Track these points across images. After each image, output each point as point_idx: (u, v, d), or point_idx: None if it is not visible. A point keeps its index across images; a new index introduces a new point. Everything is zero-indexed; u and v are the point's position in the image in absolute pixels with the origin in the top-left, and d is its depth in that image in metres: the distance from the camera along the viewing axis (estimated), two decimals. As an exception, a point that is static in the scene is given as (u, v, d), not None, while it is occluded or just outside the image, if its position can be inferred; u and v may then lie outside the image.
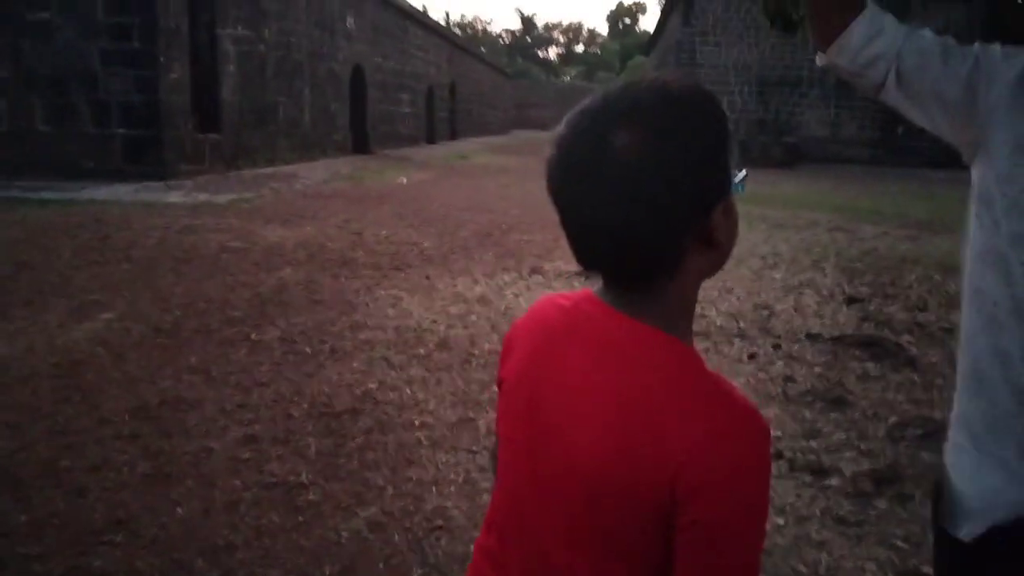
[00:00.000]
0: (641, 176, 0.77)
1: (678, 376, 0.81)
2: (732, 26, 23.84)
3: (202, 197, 10.47)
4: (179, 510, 2.75)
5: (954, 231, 9.96)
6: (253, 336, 4.74)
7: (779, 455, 3.35)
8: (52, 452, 3.15)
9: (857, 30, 1.12)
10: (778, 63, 23.66)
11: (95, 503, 2.78)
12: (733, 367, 4.49)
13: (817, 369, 4.47)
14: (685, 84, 0.83)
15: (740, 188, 1.24)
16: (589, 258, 0.85)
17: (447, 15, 69.89)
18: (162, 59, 11.61)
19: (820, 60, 1.19)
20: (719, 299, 6.06)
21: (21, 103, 11.69)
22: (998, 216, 1.03)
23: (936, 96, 1.09)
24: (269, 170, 14.46)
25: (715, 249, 0.83)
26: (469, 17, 75.78)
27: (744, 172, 1.50)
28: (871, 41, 1.11)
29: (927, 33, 1.12)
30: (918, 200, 13.90)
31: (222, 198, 10.52)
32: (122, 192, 10.39)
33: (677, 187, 0.77)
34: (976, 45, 1.08)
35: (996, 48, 1.07)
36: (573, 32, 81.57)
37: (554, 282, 6.52)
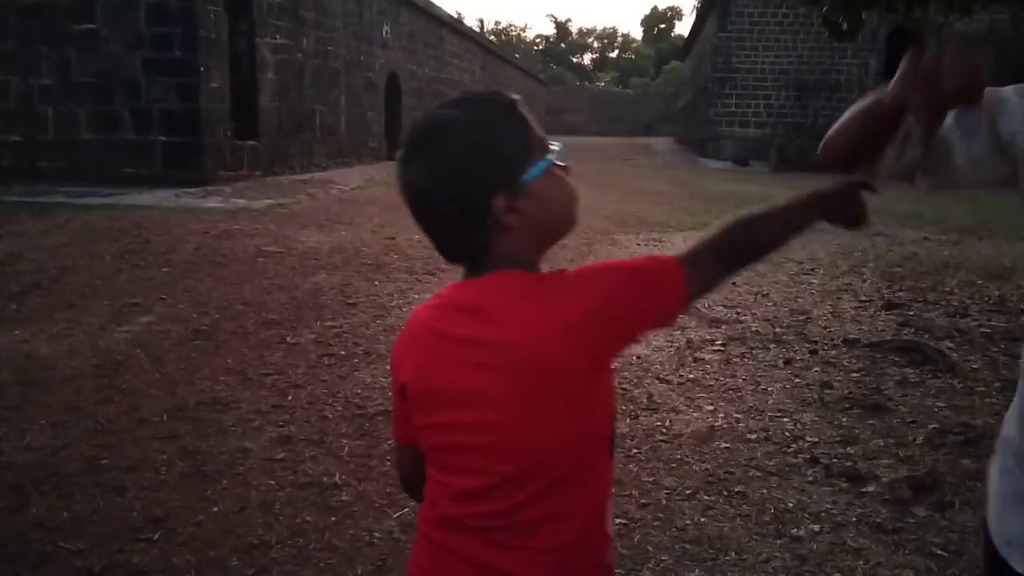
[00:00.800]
0: (422, 201, 1.06)
1: (526, 283, 1.04)
2: (769, 31, 23.60)
3: (240, 202, 10.64)
4: (215, 508, 2.80)
5: (996, 236, 9.74)
6: (289, 339, 4.81)
7: (815, 461, 3.31)
8: (93, 451, 3.22)
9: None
10: (816, 67, 23.38)
11: (133, 501, 2.83)
12: (769, 372, 4.44)
13: (855, 375, 4.39)
14: (456, 103, 1.05)
15: (546, 164, 1.13)
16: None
17: (481, 22, 70.19)
18: (202, 68, 11.84)
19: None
20: (755, 304, 6.00)
21: (66, 111, 12.00)
22: None
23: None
24: (305, 176, 14.64)
25: (521, 220, 1.02)
26: (503, 24, 75.90)
27: (559, 146, 1.40)
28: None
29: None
30: (960, 204, 13.60)
31: (259, 203, 10.68)
32: (162, 197, 10.60)
33: (444, 204, 1.02)
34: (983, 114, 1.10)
35: (1007, 93, 1.09)
36: (608, 37, 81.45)
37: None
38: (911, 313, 5.76)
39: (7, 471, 3.03)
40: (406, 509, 2.82)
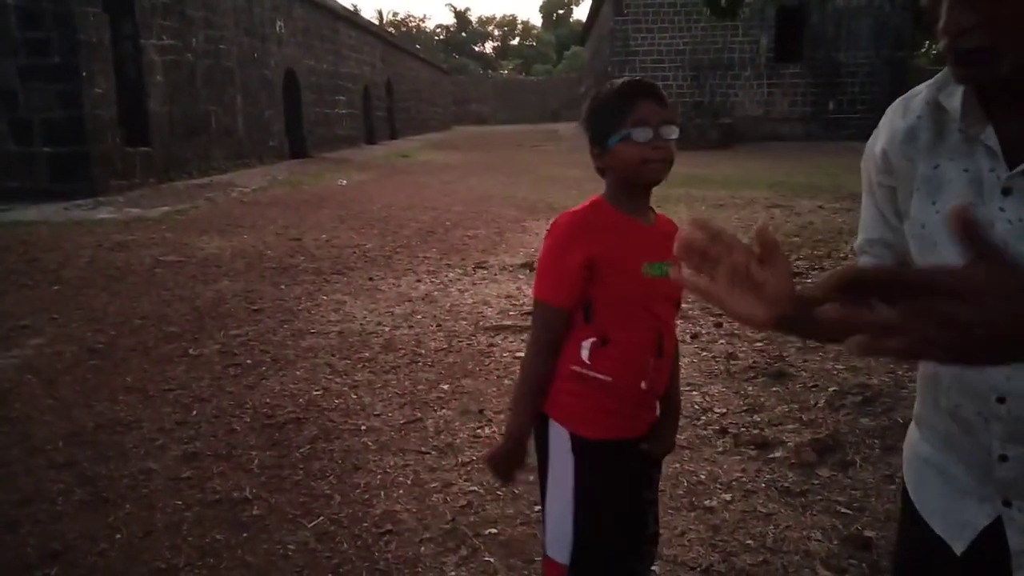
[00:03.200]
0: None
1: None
2: (663, 13, 24.08)
3: (134, 212, 10.19)
4: (118, 535, 2.67)
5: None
6: (192, 351, 4.63)
7: (724, 431, 3.40)
8: (-19, 487, 3.03)
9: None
10: (711, 47, 23.99)
11: (27, 537, 2.67)
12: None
13: (758, 344, 4.54)
14: (615, 80, 1.65)
15: (620, 138, 1.31)
16: None
17: (380, 14, 69.13)
18: (84, 73, 11.25)
19: None
20: (662, 282, 6.12)
21: (-64, 126, 11.21)
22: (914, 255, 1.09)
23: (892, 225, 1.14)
24: (203, 180, 14.14)
25: (609, 169, 1.61)
26: (402, 15, 74.94)
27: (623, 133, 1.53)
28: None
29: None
30: (851, 173, 14.22)
31: (155, 211, 10.25)
32: (50, 212, 10.05)
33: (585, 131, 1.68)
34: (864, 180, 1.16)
35: (873, 152, 1.13)
36: (508, 25, 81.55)
37: (499, 275, 6.51)
38: (809, 280, 5.99)
39: None
40: (321, 518, 2.76)
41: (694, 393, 3.86)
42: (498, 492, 2.93)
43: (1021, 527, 1.03)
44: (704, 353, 4.43)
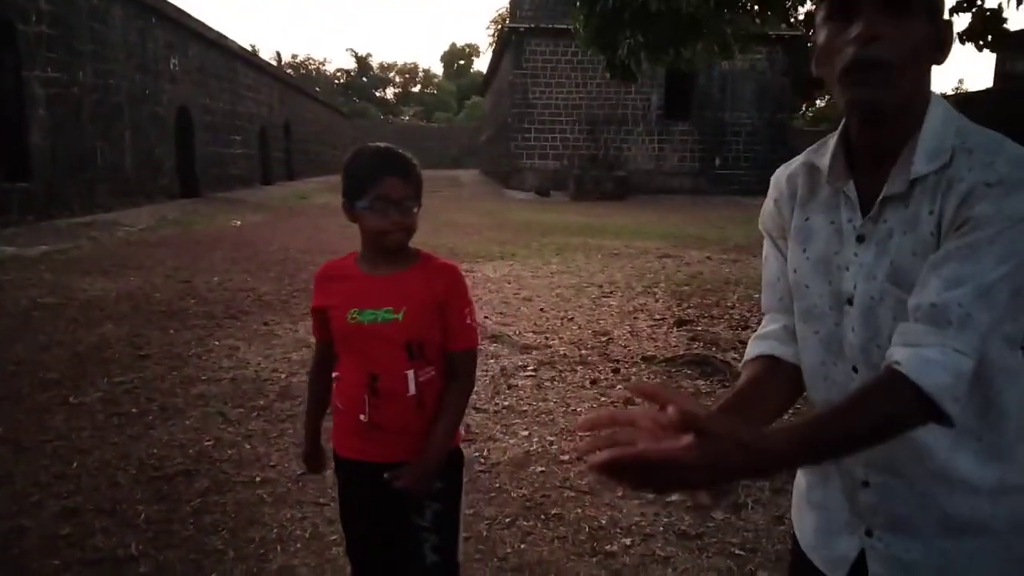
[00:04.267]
0: None
1: None
2: (560, 68, 24.90)
3: (9, 251, 9.58)
4: (-15, 601, 2.46)
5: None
6: (72, 399, 4.37)
7: (623, 477, 3.47)
8: None
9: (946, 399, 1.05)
10: (605, 102, 24.93)
11: None
12: (578, 393, 4.62)
13: (654, 390, 4.67)
14: (369, 145, 1.78)
15: (359, 206, 1.40)
16: None
17: (278, 55, 68.29)
18: (-44, 102, 10.59)
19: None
20: (562, 328, 6.24)
21: None
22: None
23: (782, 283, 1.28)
24: (88, 218, 13.46)
25: (363, 227, 1.78)
26: (302, 57, 74.23)
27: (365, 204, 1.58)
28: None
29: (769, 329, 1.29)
30: (737, 225, 14.99)
31: (33, 251, 9.68)
32: (-89, 249, 9.32)
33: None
34: (765, 243, 1.33)
35: (767, 213, 1.30)
36: (409, 72, 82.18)
37: (399, 322, 6.47)
38: (699, 328, 6.24)
39: None
40: (214, 575, 2.64)
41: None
42: (400, 542, 2.88)
43: (881, 555, 1.13)
44: (603, 398, 4.52)
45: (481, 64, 77.54)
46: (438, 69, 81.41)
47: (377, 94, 77.51)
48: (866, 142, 1.10)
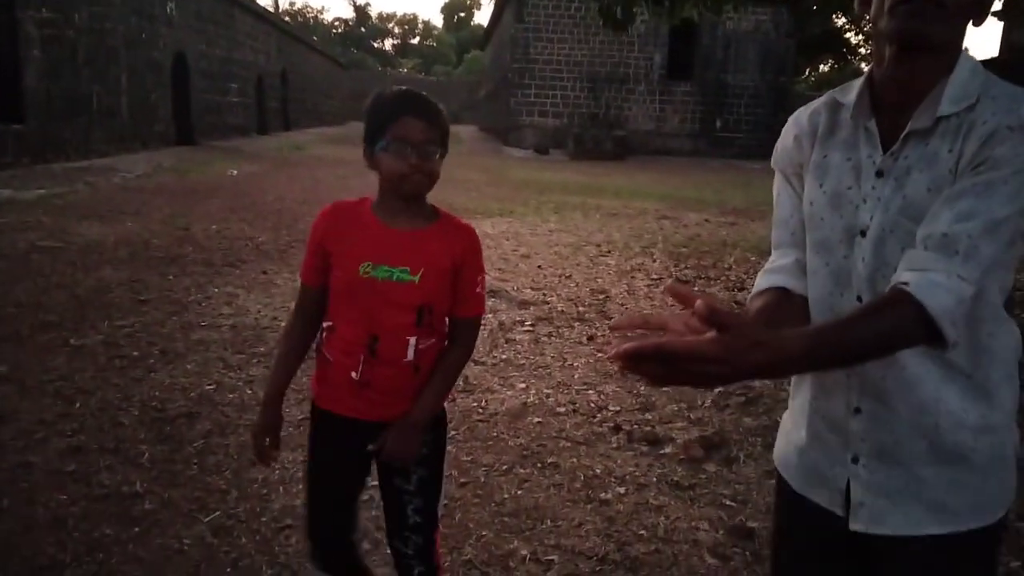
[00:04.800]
0: None
1: None
2: (563, 24, 24.55)
3: (5, 193, 9.52)
4: (-5, 531, 2.52)
5: (767, 217, 10.82)
6: (73, 341, 4.40)
7: (618, 428, 3.54)
8: None
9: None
10: (607, 60, 24.65)
11: None
12: (575, 349, 4.68)
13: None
14: (394, 88, 1.67)
15: (379, 147, 1.35)
16: None
17: (276, 2, 67.21)
18: (-50, 41, 10.43)
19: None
20: (559, 285, 6.27)
21: None
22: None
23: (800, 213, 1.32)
24: (83, 163, 13.36)
25: (382, 172, 1.65)
26: (299, 4, 72.99)
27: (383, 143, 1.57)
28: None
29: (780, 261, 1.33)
30: (736, 188, 14.98)
31: (29, 194, 9.63)
32: (-94, 189, 9.26)
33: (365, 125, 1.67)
34: (776, 178, 1.37)
35: (784, 150, 1.33)
36: (408, 24, 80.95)
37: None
38: (696, 289, 6.28)
39: None
40: (217, 512, 2.71)
41: (590, 392, 3.99)
42: (399, 486, 2.95)
43: (864, 482, 1.20)
44: (599, 354, 4.58)
45: (482, 17, 76.40)
46: (438, 21, 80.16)
47: (375, 45, 76.40)
48: (898, 76, 1.14)
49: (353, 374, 1.67)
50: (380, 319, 1.64)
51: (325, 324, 1.72)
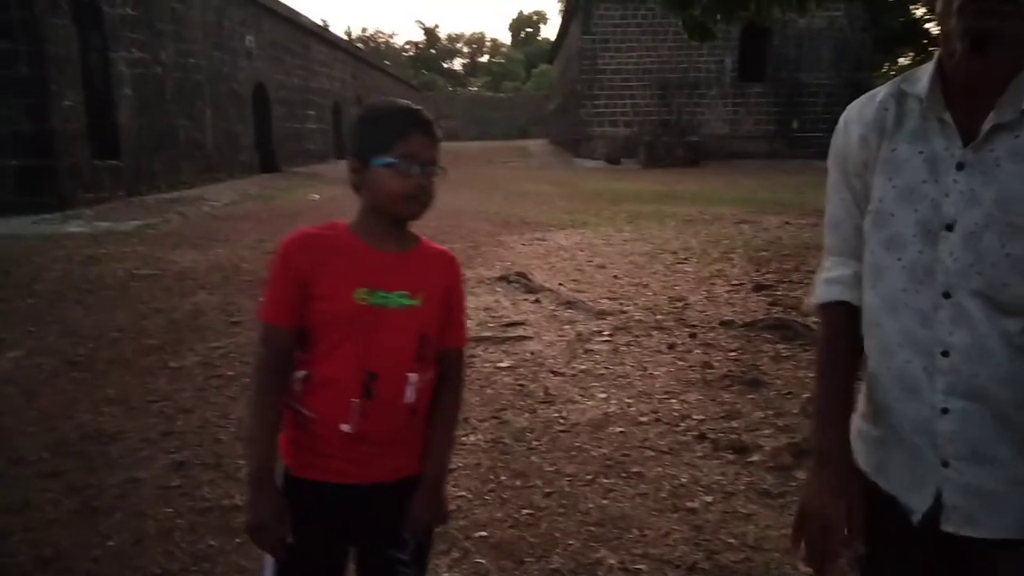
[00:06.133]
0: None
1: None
2: (630, 32, 24.48)
3: (104, 225, 10.09)
4: (110, 543, 2.68)
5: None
6: (172, 363, 4.63)
7: (703, 436, 3.51)
8: (-34, 497, 3.02)
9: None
10: (677, 65, 24.43)
11: (20, 544, 2.68)
12: (655, 357, 4.65)
13: (732, 354, 4.67)
14: (384, 100, 1.54)
15: (386, 163, 1.29)
16: None
17: (348, 32, 69.20)
18: (53, 86, 11.15)
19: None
20: (636, 294, 6.25)
21: (-102, 138, 11.02)
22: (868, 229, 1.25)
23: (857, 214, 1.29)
24: (173, 194, 14.03)
25: (364, 189, 1.47)
26: (371, 31, 75.04)
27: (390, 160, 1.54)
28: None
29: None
30: (816, 189, 14.57)
31: (126, 225, 10.17)
32: (17, 225, 9.91)
33: (348, 140, 1.52)
34: (832, 177, 1.34)
35: (847, 147, 1.30)
36: (477, 43, 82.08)
37: (476, 288, 6.58)
38: (779, 293, 6.16)
39: None
40: (314, 522, 2.80)
41: (672, 401, 3.97)
42: (486, 497, 3.00)
43: (957, 486, 1.15)
44: (680, 363, 4.54)
45: (549, 31, 76.81)
46: (506, 38, 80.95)
47: (445, 65, 77.68)
48: (969, 71, 1.12)
49: (344, 427, 1.42)
50: (378, 352, 1.42)
51: (298, 375, 1.44)
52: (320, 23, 28.35)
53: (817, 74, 24.36)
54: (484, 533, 2.74)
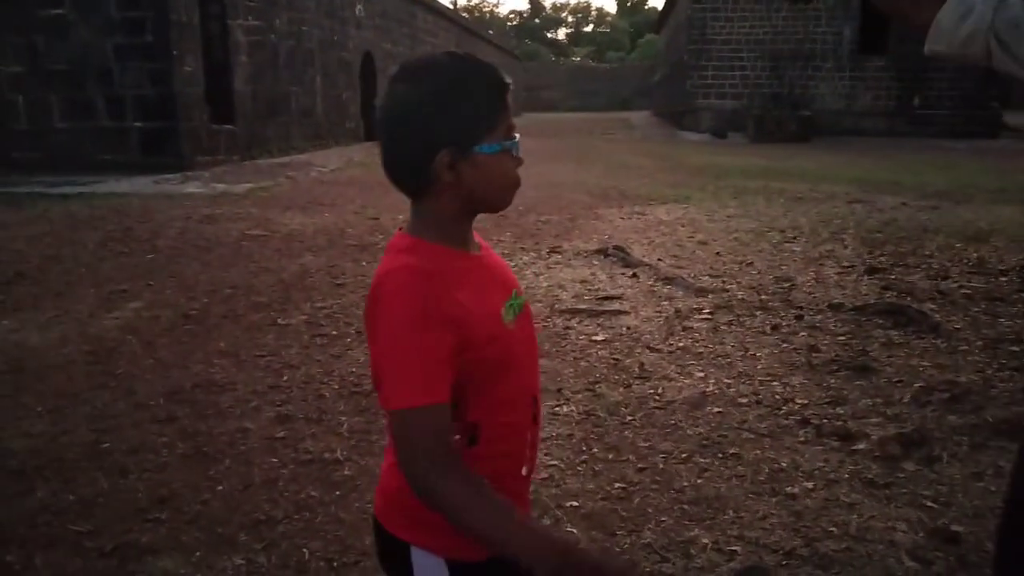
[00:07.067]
0: (393, 115, 1.09)
1: (388, 256, 1.14)
2: (742, 1, 23.59)
3: (220, 187, 10.56)
4: (219, 487, 2.82)
5: (973, 201, 9.88)
6: (280, 320, 4.81)
7: (806, 422, 3.39)
8: (92, 435, 3.23)
9: (945, 17, 1.18)
10: (791, 36, 23.42)
11: (137, 483, 2.85)
12: (757, 338, 4.51)
13: (841, 338, 4.48)
14: (460, 56, 1.12)
15: (501, 147, 1.14)
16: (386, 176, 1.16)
17: (453, 1, 69.60)
18: (175, 52, 11.68)
19: (926, 50, 1.25)
20: (740, 273, 6.07)
21: (38, 100, 11.81)
22: None
23: None
24: (284, 159, 14.53)
25: (458, 187, 1.09)
26: (476, 0, 75.13)
27: (517, 137, 1.39)
28: (961, 23, 1.18)
29: (1015, 2, 1.16)
30: (937, 170, 13.77)
31: (240, 187, 10.61)
32: (141, 184, 10.49)
33: (407, 127, 1.08)
34: None
35: None
36: (582, 12, 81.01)
37: (573, 260, 6.55)
38: (893, 277, 5.86)
39: (8, 458, 3.03)
40: (409, 481, 2.87)
41: (774, 383, 3.84)
42: (578, 468, 2.99)
43: None
44: (784, 345, 4.39)
45: (657, 0, 75.03)
46: (611, 7, 79.51)
47: (549, 35, 77.04)
48: None
49: (524, 469, 1.21)
50: (532, 366, 1.24)
51: (462, 430, 1.12)
52: (427, -8, 28.56)
53: (945, 47, 22.86)
54: (576, 503, 2.73)
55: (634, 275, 5.99)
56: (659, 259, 6.52)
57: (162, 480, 2.87)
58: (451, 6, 49.95)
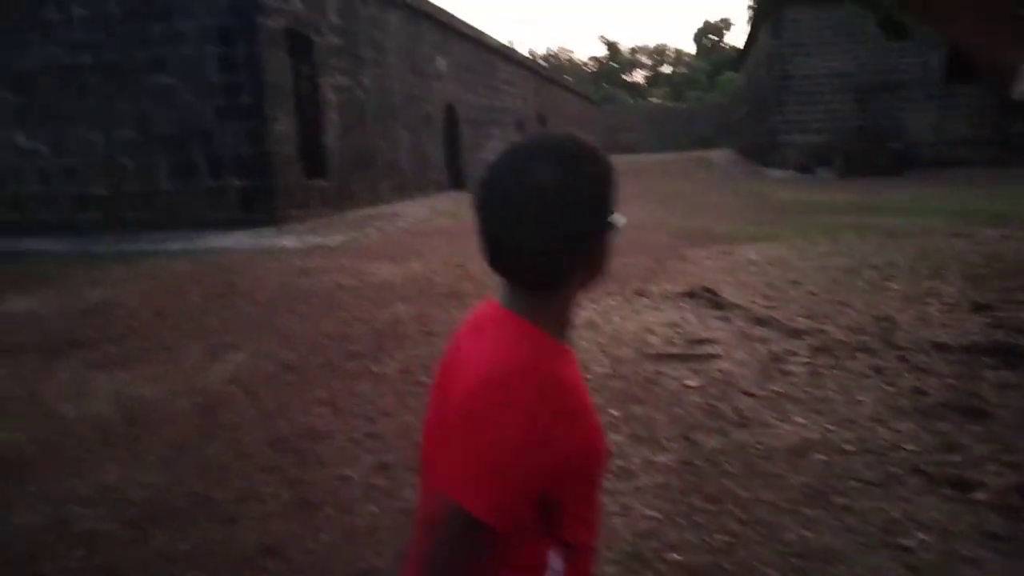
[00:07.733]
0: (543, 201, 0.99)
1: (506, 341, 1.05)
2: (824, 35, 23.21)
3: (313, 240, 10.95)
4: (323, 536, 2.89)
5: (1087, 229, 9.32)
6: (374, 369, 4.93)
7: (917, 469, 3.23)
8: (201, 485, 3.37)
9: None
10: (878, 67, 22.85)
11: (245, 532, 2.95)
12: (859, 381, 4.35)
13: (949, 380, 4.27)
14: (577, 138, 1.07)
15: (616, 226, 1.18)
16: (497, 265, 1.08)
17: (531, 53, 70.93)
18: (269, 112, 12.28)
19: (1014, 93, 1.23)
20: (836, 313, 5.88)
21: (146, 163, 12.59)
22: None
23: None
24: (372, 211, 14.99)
25: (595, 269, 1.08)
26: (555, 48, 76.40)
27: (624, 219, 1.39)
28: None
29: None
30: (1042, 199, 13.09)
31: (332, 240, 10.98)
32: (239, 240, 10.99)
33: (568, 214, 1.00)
34: None
35: None
36: (659, 53, 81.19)
37: (661, 303, 6.48)
38: (1002, 314, 5.57)
39: (126, 507, 3.19)
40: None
41: (880, 429, 3.69)
42: (677, 519, 2.93)
43: None
44: (889, 388, 4.22)
45: (733, 38, 74.63)
46: (689, 47, 79.51)
47: (626, 79, 77.46)
48: None
49: None
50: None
51: (555, 566, 1.06)
52: (507, 43, 29.24)
53: (1044, 70, 21.88)
54: (678, 556, 2.68)
55: (725, 317, 5.88)
56: (751, 300, 6.39)
57: (268, 528, 2.96)
58: (530, 56, 50.91)
